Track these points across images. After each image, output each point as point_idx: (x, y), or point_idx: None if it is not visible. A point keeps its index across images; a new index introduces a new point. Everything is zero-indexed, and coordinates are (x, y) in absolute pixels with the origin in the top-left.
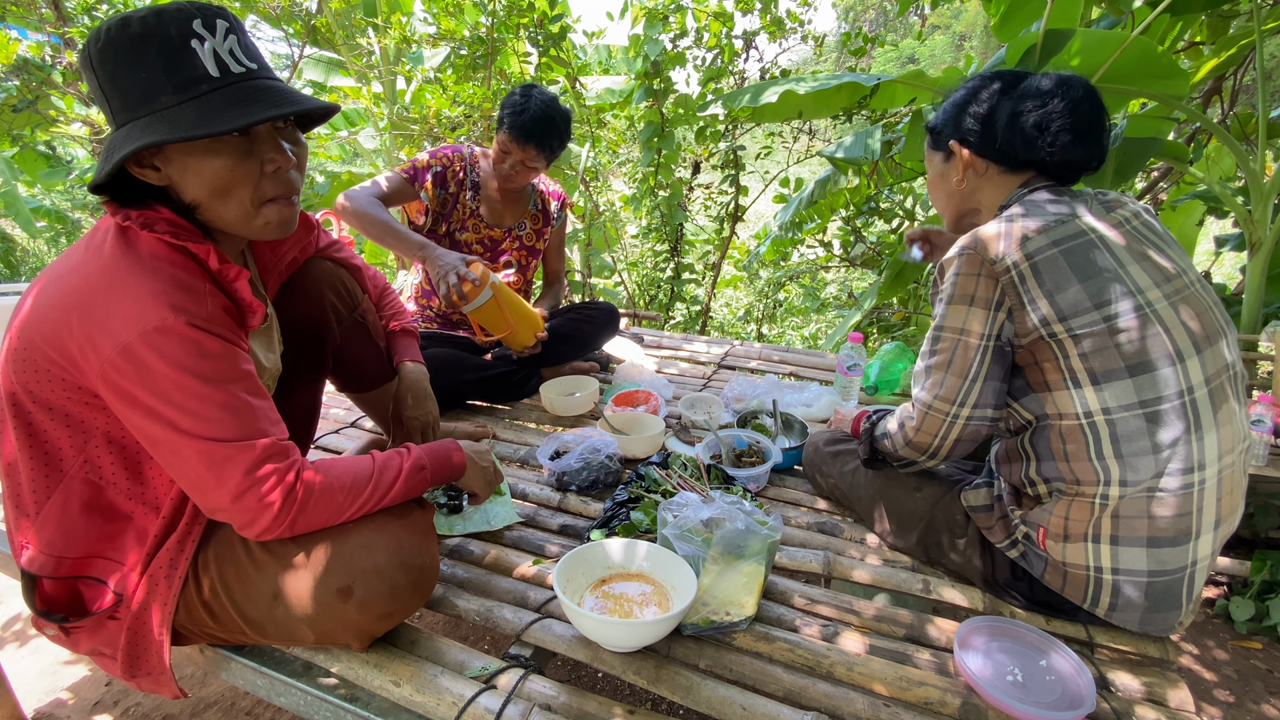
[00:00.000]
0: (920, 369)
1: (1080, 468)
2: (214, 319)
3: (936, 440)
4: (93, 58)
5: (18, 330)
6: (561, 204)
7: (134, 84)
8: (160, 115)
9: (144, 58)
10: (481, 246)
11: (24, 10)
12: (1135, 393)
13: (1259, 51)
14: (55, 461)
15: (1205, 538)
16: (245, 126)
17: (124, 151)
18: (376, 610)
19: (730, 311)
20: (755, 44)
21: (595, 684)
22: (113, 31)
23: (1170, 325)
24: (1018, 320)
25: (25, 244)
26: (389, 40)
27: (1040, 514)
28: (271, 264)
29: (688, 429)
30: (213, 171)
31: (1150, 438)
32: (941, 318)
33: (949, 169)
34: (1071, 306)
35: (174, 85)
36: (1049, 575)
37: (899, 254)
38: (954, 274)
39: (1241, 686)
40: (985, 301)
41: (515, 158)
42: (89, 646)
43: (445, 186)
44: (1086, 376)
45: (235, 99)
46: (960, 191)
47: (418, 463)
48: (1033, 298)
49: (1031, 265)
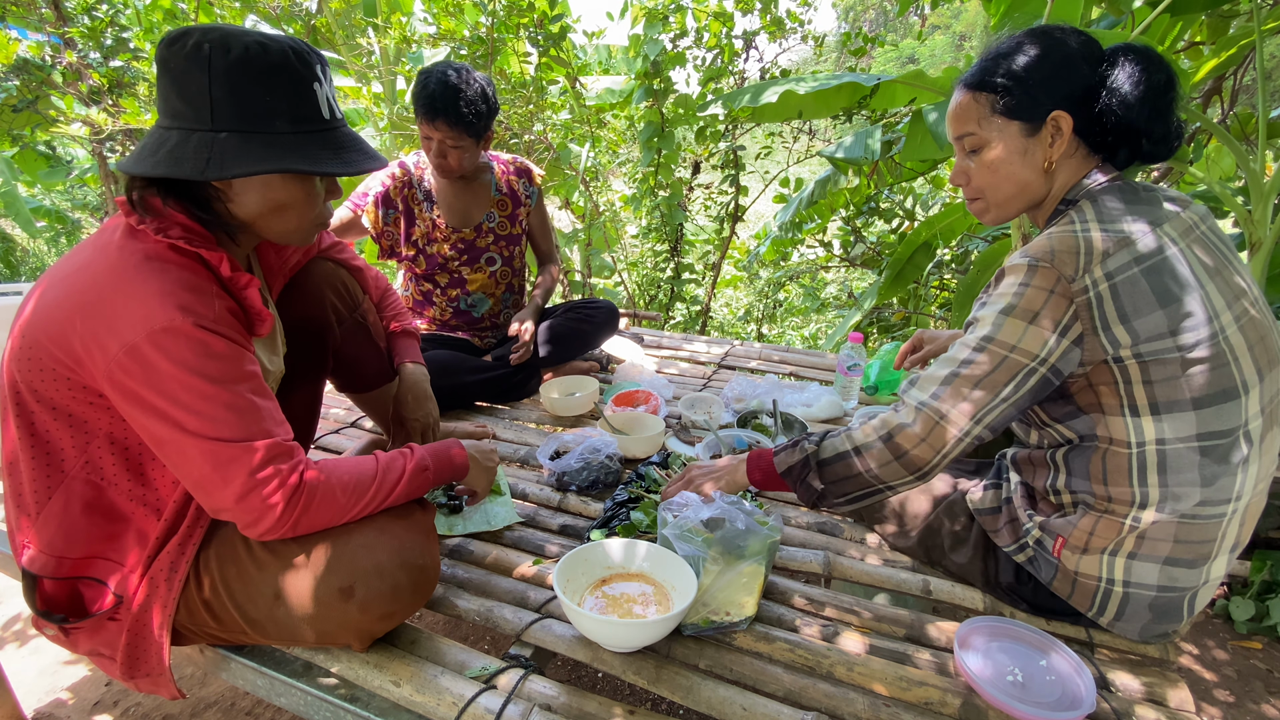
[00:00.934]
0: (943, 374)
1: (1118, 490)
2: (220, 320)
3: (937, 457)
4: (212, 62)
5: (23, 329)
6: (528, 178)
7: (256, 102)
8: (274, 138)
9: (274, 84)
10: (457, 252)
11: (24, 10)
12: (1196, 426)
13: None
14: (57, 461)
15: (1221, 560)
16: (358, 173)
17: (258, 168)
18: (378, 610)
19: (730, 311)
20: (755, 44)
21: (595, 684)
22: (252, 50)
23: (1239, 354)
24: (1088, 346)
25: (25, 244)
26: (389, 40)
27: (1062, 523)
28: (278, 267)
29: (688, 429)
30: (288, 195)
31: (1200, 470)
32: (993, 328)
33: (1034, 145)
34: (1149, 333)
35: (292, 116)
36: (1057, 582)
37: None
38: (1021, 284)
39: (1241, 686)
40: (1052, 323)
41: (435, 140)
42: (88, 647)
43: (393, 205)
44: (1147, 406)
45: (337, 143)
46: (1042, 177)
47: (421, 463)
48: (1108, 322)
49: (1111, 287)
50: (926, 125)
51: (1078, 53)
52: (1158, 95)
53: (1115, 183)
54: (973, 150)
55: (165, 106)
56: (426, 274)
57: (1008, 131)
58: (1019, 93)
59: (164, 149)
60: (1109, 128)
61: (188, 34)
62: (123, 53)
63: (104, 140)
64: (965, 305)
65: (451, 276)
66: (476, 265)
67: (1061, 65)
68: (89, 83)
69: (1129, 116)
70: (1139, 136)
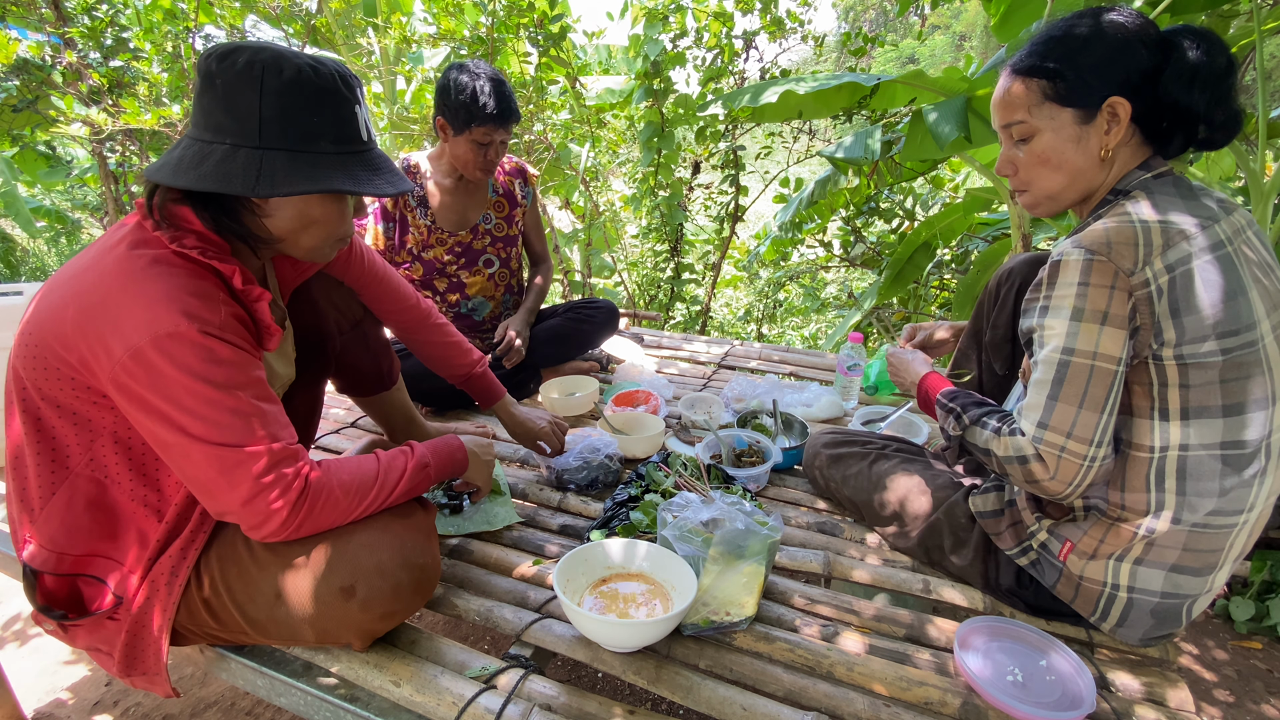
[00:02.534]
0: (1038, 400)
1: (1133, 497)
2: (226, 326)
3: (1070, 488)
4: (264, 82)
5: (28, 328)
6: (524, 179)
7: (304, 123)
8: (319, 158)
9: (322, 105)
10: (454, 255)
11: (24, 10)
12: (1222, 434)
13: (1259, 51)
14: (62, 458)
15: (1225, 569)
16: (395, 194)
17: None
18: (379, 609)
19: (730, 311)
20: (755, 44)
21: (595, 684)
22: (304, 73)
23: (1274, 364)
24: (1140, 341)
25: (25, 244)
26: (389, 40)
27: (1072, 529)
28: (293, 278)
29: (688, 429)
30: (323, 212)
31: (1220, 479)
32: (1067, 337)
33: (1088, 134)
34: (1195, 331)
35: (334, 136)
36: (1061, 586)
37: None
38: (1079, 283)
39: (1241, 686)
40: (1120, 320)
41: (493, 143)
42: (86, 643)
43: (391, 218)
44: (1178, 411)
45: (374, 164)
46: (1098, 166)
47: (421, 461)
48: (1161, 316)
49: (1171, 280)
50: (926, 125)
51: (1136, 35)
52: (1219, 80)
53: (1168, 175)
54: (1021, 139)
55: (206, 120)
56: (424, 280)
57: (1060, 119)
58: (1073, 77)
59: (209, 162)
60: (1167, 114)
61: (238, 51)
62: (123, 53)
63: (104, 140)
64: (965, 305)
65: (450, 281)
66: (474, 268)
67: (1119, 48)
68: (89, 83)
69: (1189, 101)
70: (1198, 122)
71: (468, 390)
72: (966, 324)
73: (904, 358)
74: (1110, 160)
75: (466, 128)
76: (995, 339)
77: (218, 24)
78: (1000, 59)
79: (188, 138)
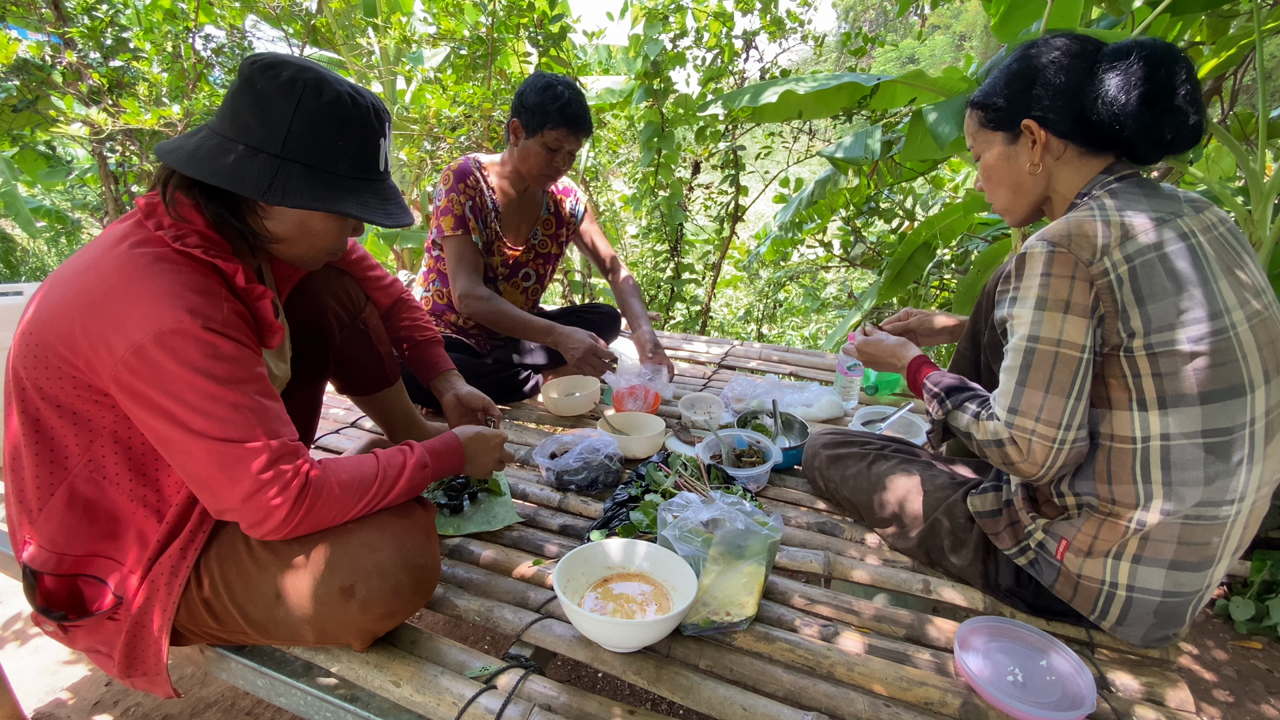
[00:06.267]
0: (1009, 386)
1: (1121, 490)
2: (228, 323)
3: (1043, 470)
4: (303, 100)
5: (29, 327)
6: (574, 197)
7: (329, 142)
8: (335, 179)
9: (350, 131)
10: (506, 266)
11: (24, 10)
12: (1201, 422)
13: (1259, 51)
14: (60, 458)
15: (1223, 563)
16: (397, 225)
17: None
18: (379, 609)
19: (730, 311)
20: (755, 44)
21: (595, 684)
22: (343, 99)
23: (1248, 352)
24: (1107, 330)
25: (25, 244)
26: (389, 40)
27: (1066, 527)
28: (288, 275)
29: (688, 429)
30: (323, 226)
31: (1205, 468)
32: (1032, 325)
33: (1017, 153)
34: (1160, 321)
35: (353, 162)
36: (1059, 585)
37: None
38: (1042, 274)
39: (1241, 686)
40: (1082, 308)
41: (565, 150)
42: (86, 644)
43: (480, 214)
44: (1155, 400)
45: (384, 194)
46: (1032, 179)
47: (420, 459)
48: (1124, 306)
49: (1130, 269)
50: (926, 125)
51: (1055, 62)
52: (1160, 93)
53: (1132, 177)
54: (977, 160)
55: (234, 119)
56: None
57: (993, 141)
58: (994, 106)
59: (226, 159)
60: (1104, 128)
61: (284, 65)
62: (123, 53)
63: (104, 140)
64: (965, 305)
65: (489, 289)
66: (513, 280)
67: (1030, 77)
68: (89, 83)
69: (1119, 115)
70: (1144, 133)
71: (410, 358)
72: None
73: (884, 343)
74: (1045, 173)
75: (540, 129)
76: (993, 339)
77: (218, 24)
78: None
79: (209, 129)
